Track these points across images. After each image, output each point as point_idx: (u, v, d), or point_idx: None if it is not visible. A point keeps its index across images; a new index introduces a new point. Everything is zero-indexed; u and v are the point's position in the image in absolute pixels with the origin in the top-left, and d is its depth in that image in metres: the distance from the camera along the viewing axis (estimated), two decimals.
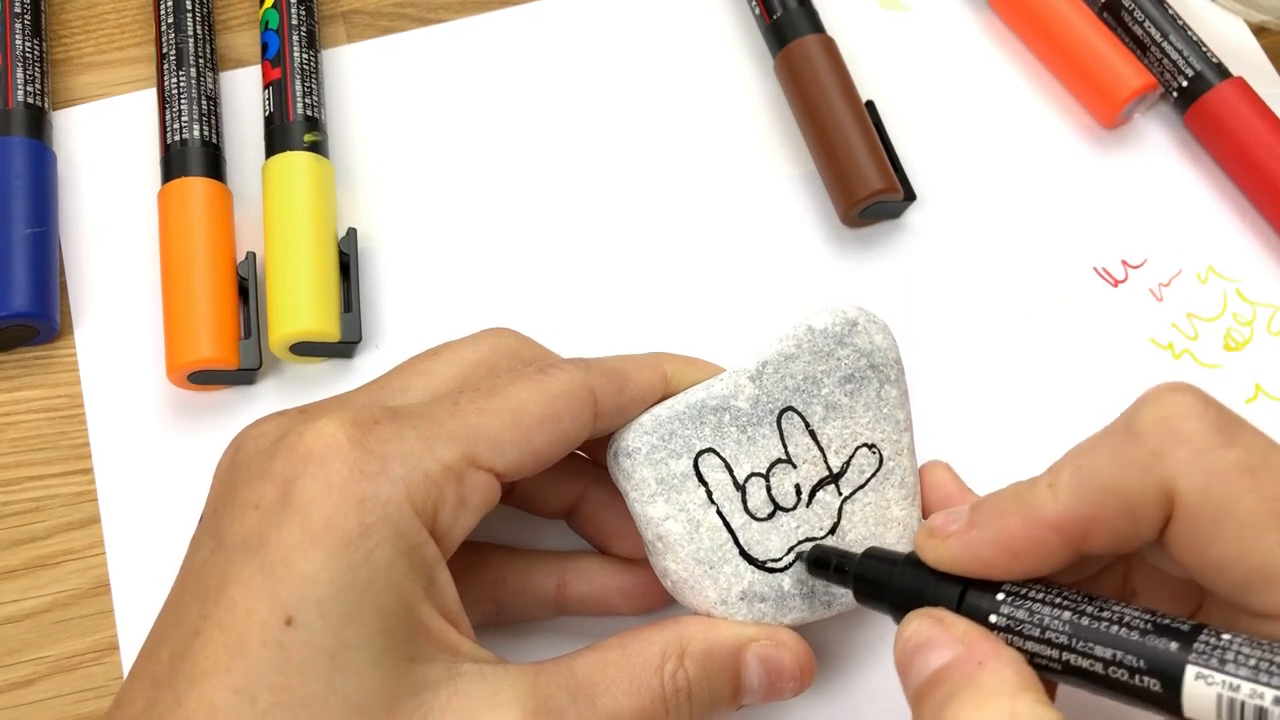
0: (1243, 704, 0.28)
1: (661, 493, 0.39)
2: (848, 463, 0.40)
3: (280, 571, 0.32)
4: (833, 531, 0.40)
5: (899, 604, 0.35)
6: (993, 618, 0.33)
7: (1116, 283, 0.51)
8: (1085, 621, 0.31)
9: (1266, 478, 0.30)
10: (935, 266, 0.51)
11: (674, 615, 0.39)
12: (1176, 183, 0.53)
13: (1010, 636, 0.33)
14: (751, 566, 0.39)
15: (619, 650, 0.37)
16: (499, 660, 0.35)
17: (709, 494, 0.39)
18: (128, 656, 0.45)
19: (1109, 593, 0.36)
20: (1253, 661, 0.29)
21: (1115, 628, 0.31)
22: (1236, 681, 0.29)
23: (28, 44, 0.53)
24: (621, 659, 0.37)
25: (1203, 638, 0.30)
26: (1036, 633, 0.32)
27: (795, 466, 0.40)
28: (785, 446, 0.40)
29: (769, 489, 0.39)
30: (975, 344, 0.49)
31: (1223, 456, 0.30)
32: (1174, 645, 0.30)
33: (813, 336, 0.40)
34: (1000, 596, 0.33)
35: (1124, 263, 0.51)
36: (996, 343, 0.49)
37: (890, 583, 0.36)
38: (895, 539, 0.40)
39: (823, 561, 0.38)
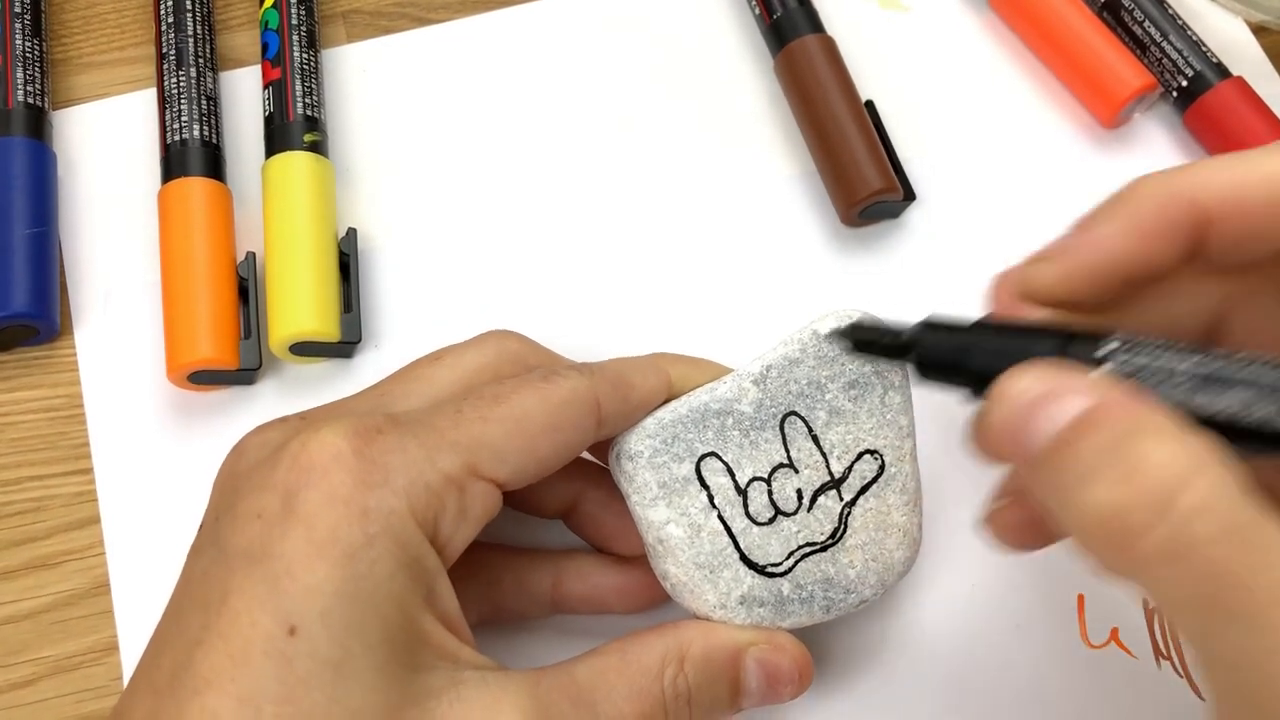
0: None
1: (663, 496, 0.39)
2: (850, 468, 0.40)
3: (284, 582, 0.32)
4: (834, 536, 0.40)
5: (984, 374, 0.31)
6: (1109, 365, 0.29)
7: None
8: (1213, 365, 0.29)
9: None
10: (935, 266, 0.51)
11: (672, 617, 0.39)
12: None
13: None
14: (752, 571, 0.39)
15: (619, 656, 0.37)
16: (499, 667, 0.35)
17: (710, 498, 0.39)
18: (128, 657, 0.45)
19: None
20: None
21: (1246, 369, 0.28)
22: None
23: (27, 44, 0.52)
24: (621, 665, 0.37)
25: None
26: (1156, 382, 0.29)
27: (797, 471, 0.40)
28: (788, 451, 0.40)
29: (770, 494, 0.39)
30: None
31: None
32: None
33: (818, 341, 0.40)
34: (1113, 345, 0.30)
35: None
36: None
37: (970, 348, 0.32)
38: (896, 545, 0.40)
39: (866, 343, 0.35)
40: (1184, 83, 0.53)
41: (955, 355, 0.32)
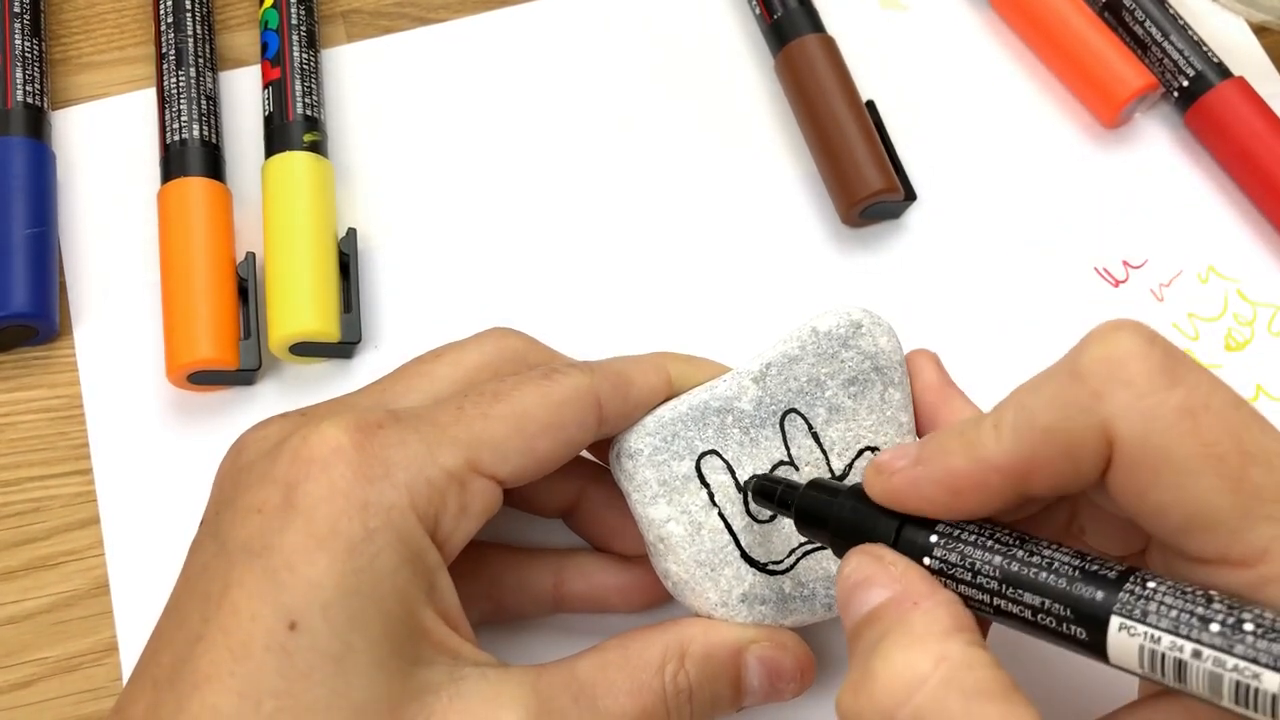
0: (1163, 656, 0.28)
1: (664, 494, 0.39)
2: (850, 465, 0.40)
3: (284, 576, 0.32)
4: None
5: (839, 536, 0.35)
6: (926, 560, 0.33)
7: (1117, 283, 0.51)
8: (1015, 567, 0.31)
9: (1206, 420, 0.29)
10: (935, 266, 0.51)
11: (674, 616, 0.39)
12: (1177, 183, 0.53)
13: (944, 579, 0.32)
14: (753, 569, 0.39)
15: (620, 652, 0.37)
16: (500, 663, 0.35)
17: (711, 496, 0.39)
18: (127, 657, 0.45)
19: (1055, 530, 0.36)
20: (1174, 614, 0.28)
21: (1044, 574, 0.31)
22: (1157, 634, 0.28)
23: (27, 44, 0.52)
24: (622, 660, 0.37)
25: (1128, 587, 0.29)
26: (968, 577, 0.32)
27: (798, 469, 0.40)
28: (788, 448, 0.39)
29: None
30: (975, 344, 0.49)
31: (1164, 400, 0.29)
32: (1099, 595, 0.30)
33: (817, 338, 0.40)
34: (934, 538, 0.33)
35: (1125, 263, 0.51)
36: (997, 343, 0.49)
37: (830, 514, 0.35)
38: None
39: (767, 492, 0.38)
40: (1185, 82, 0.53)
41: (819, 519, 0.36)
